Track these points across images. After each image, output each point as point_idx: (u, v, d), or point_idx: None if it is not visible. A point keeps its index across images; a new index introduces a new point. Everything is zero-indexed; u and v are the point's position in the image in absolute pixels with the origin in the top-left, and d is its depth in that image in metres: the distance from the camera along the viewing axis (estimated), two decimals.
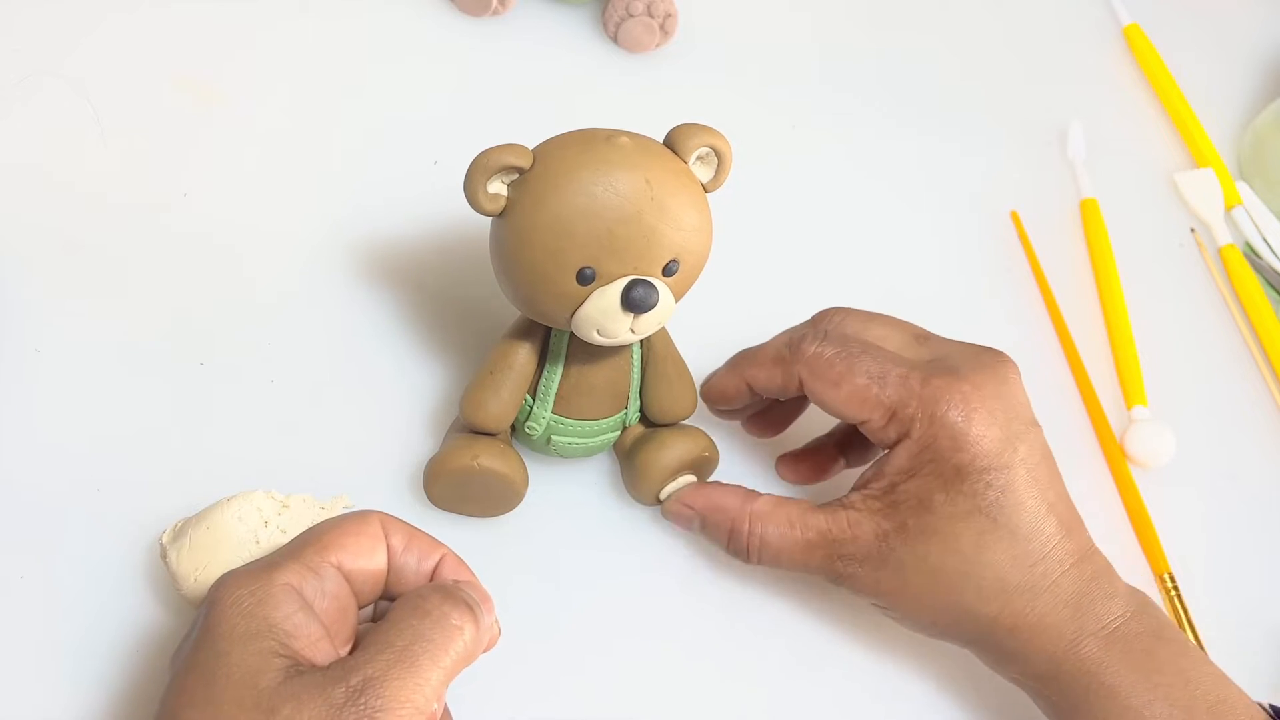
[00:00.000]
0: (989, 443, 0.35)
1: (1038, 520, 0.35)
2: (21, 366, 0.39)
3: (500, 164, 0.33)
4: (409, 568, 0.33)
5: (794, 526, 0.37)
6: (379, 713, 0.27)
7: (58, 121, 0.44)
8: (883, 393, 0.36)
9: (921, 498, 0.35)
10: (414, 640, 0.29)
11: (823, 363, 0.37)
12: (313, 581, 0.30)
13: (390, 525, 0.33)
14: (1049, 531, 0.36)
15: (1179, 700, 0.35)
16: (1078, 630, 0.35)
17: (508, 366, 0.38)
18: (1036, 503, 0.35)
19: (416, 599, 0.31)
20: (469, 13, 0.52)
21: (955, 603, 0.36)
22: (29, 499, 0.37)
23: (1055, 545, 0.36)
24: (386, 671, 0.28)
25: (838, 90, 0.58)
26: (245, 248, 0.43)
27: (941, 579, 0.35)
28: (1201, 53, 0.67)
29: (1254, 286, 0.58)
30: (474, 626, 0.31)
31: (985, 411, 0.35)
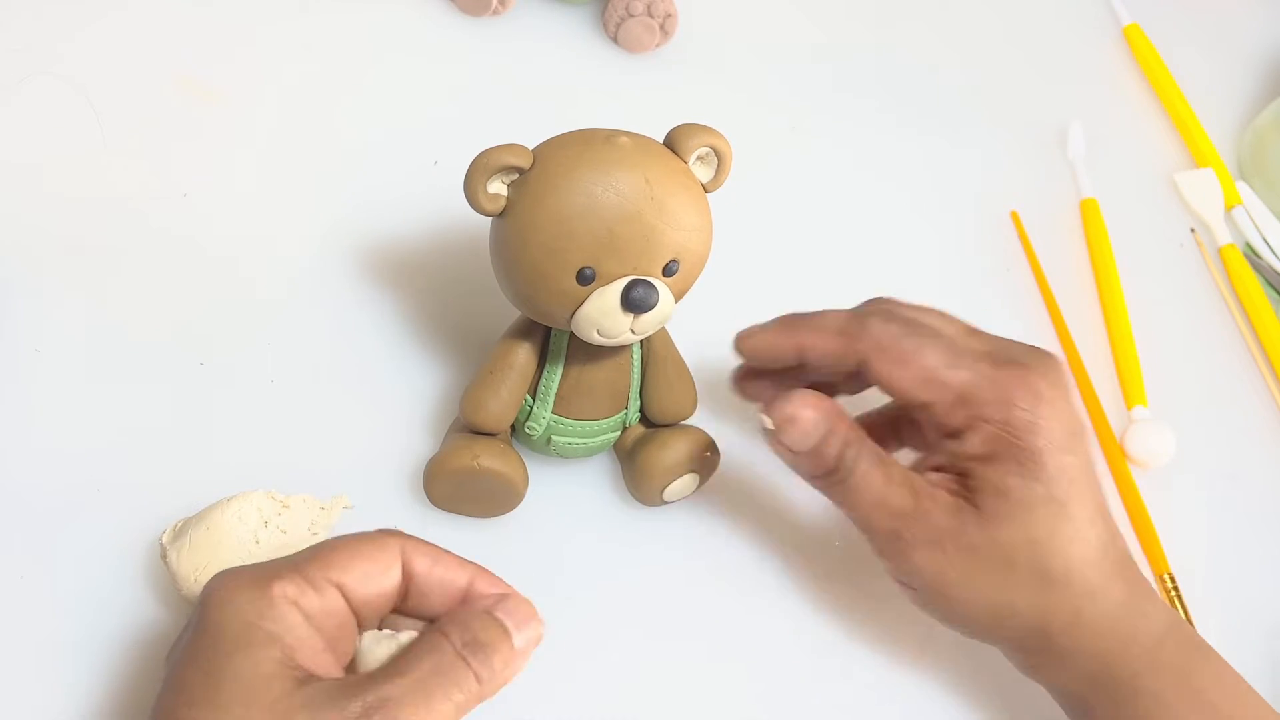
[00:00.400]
0: (1061, 432, 0.35)
1: (1100, 515, 0.36)
2: (21, 366, 0.39)
3: (500, 164, 0.33)
4: (434, 589, 0.32)
5: (886, 470, 0.36)
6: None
7: (58, 121, 0.44)
8: (953, 374, 0.36)
9: (997, 482, 0.35)
10: (433, 672, 0.29)
11: (891, 340, 0.36)
12: (311, 596, 0.30)
13: (412, 549, 0.32)
14: (1108, 530, 0.36)
15: (1222, 714, 0.35)
16: (1130, 632, 0.35)
17: (508, 366, 0.38)
18: (1099, 498, 0.36)
19: (442, 630, 0.30)
20: (469, 13, 0.52)
21: (1018, 591, 0.35)
22: (29, 499, 0.37)
23: (1111, 543, 0.36)
24: (402, 696, 0.28)
25: (838, 90, 0.58)
26: (245, 248, 0.43)
27: (1012, 565, 0.35)
28: (1201, 53, 0.67)
29: (1254, 286, 0.57)
30: (489, 669, 0.30)
31: (1054, 403, 0.35)
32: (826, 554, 0.43)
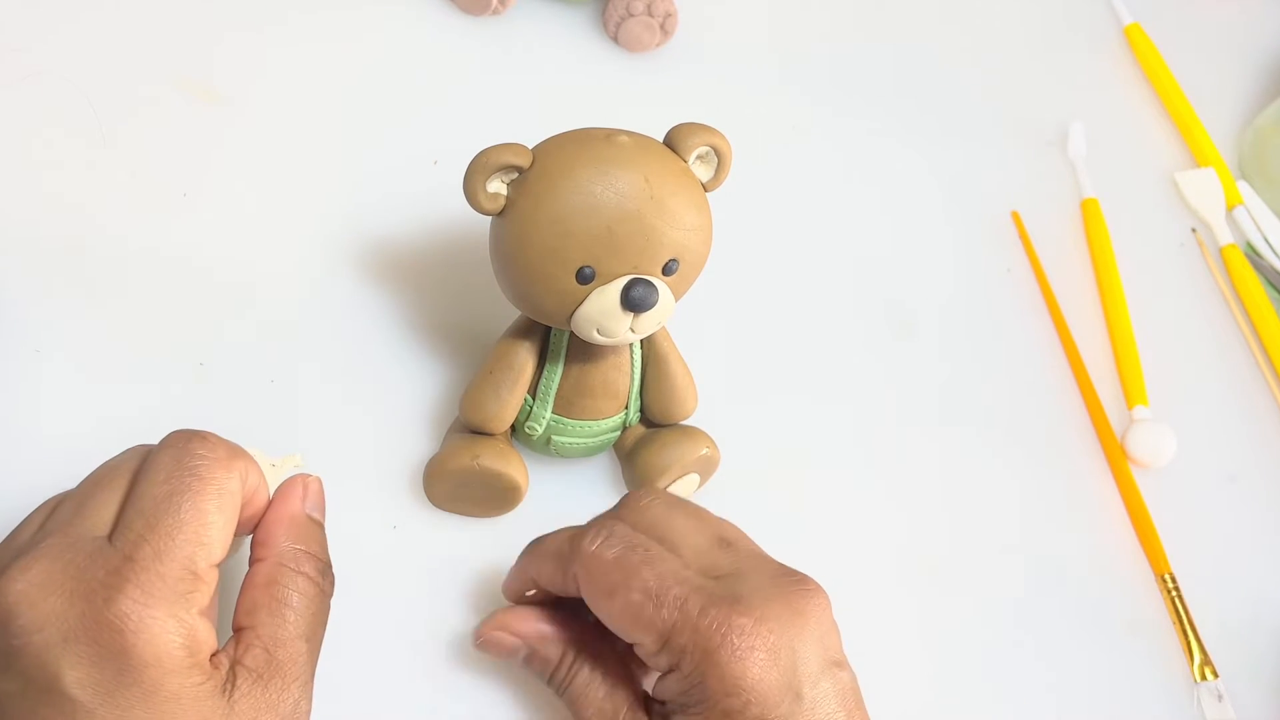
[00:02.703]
0: (765, 688, 0.30)
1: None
2: (21, 366, 0.39)
3: (500, 163, 0.33)
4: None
5: (600, 688, 0.34)
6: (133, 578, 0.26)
7: (57, 122, 0.44)
8: (657, 614, 0.31)
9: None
10: (159, 495, 0.28)
11: (600, 566, 0.32)
12: (208, 596, 0.28)
13: (250, 472, 0.30)
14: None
15: None
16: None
17: (507, 366, 0.38)
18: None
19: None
20: (469, 12, 0.52)
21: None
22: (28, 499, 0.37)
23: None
24: (136, 542, 0.27)
25: (838, 90, 0.58)
26: (244, 248, 0.43)
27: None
28: (1202, 53, 0.67)
29: (1255, 286, 0.57)
30: (228, 451, 0.29)
31: (766, 651, 0.30)
32: (826, 552, 0.43)
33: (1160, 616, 0.47)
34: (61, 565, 0.27)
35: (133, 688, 0.26)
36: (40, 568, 0.27)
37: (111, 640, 0.26)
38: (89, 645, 0.26)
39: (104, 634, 0.26)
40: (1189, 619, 0.46)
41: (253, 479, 0.31)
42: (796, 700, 0.30)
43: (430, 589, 0.38)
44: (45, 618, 0.26)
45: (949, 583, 0.45)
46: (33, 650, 0.26)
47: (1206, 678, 0.45)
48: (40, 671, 0.26)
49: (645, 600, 0.31)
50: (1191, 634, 0.46)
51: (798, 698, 0.31)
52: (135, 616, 0.26)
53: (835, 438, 0.47)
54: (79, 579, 0.27)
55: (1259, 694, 0.46)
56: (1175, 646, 0.46)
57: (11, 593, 0.26)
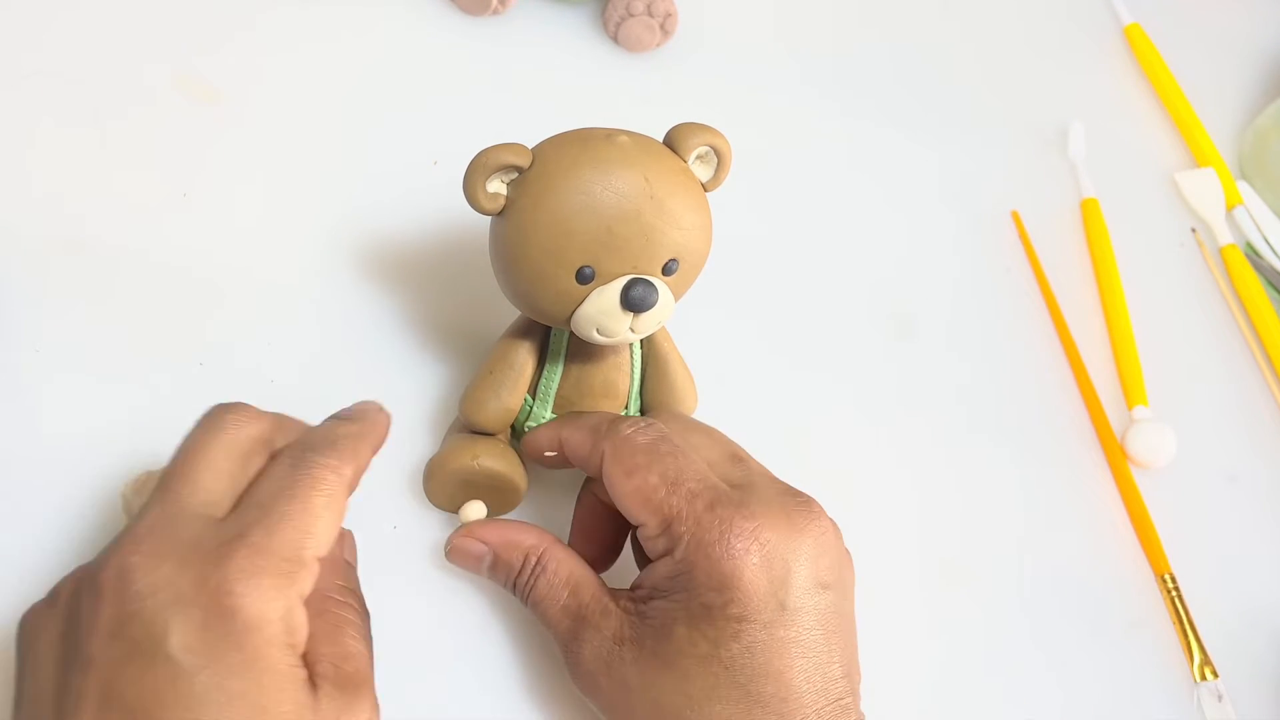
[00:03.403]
0: (751, 591, 0.31)
1: (785, 690, 0.31)
2: (21, 366, 0.39)
3: (499, 163, 0.33)
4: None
5: (564, 587, 0.35)
6: (249, 569, 0.27)
7: (58, 121, 0.44)
8: (667, 500, 0.32)
9: (665, 623, 0.32)
10: (275, 492, 0.29)
11: (629, 448, 0.34)
12: (308, 587, 0.29)
13: (353, 481, 0.31)
14: (797, 703, 0.31)
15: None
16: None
17: (508, 366, 0.38)
18: (789, 671, 0.31)
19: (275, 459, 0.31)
20: (469, 12, 0.52)
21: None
22: (28, 499, 0.37)
23: (800, 719, 0.31)
24: (251, 524, 0.28)
25: (838, 90, 0.58)
26: (244, 247, 0.43)
27: (662, 714, 0.32)
28: (1202, 53, 0.67)
29: (1255, 286, 0.57)
30: (336, 456, 0.31)
31: (760, 556, 0.31)
32: None
33: (1160, 617, 0.47)
34: (174, 537, 0.28)
35: (234, 654, 0.27)
36: (154, 539, 0.28)
37: (219, 604, 0.27)
38: (197, 609, 0.27)
39: (212, 597, 0.27)
40: (1189, 619, 0.46)
41: (366, 457, 0.32)
42: (780, 609, 0.31)
43: (430, 589, 0.38)
44: (158, 583, 0.27)
45: (948, 582, 0.45)
46: (145, 614, 0.27)
47: (1206, 678, 0.45)
48: (147, 634, 0.27)
49: (660, 484, 0.33)
50: (1191, 634, 0.46)
51: (781, 607, 0.31)
52: (243, 582, 0.27)
53: (834, 437, 0.47)
54: (192, 549, 0.28)
55: (1259, 694, 0.46)
56: (1175, 646, 0.46)
57: (127, 562, 0.27)
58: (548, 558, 0.35)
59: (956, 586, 0.45)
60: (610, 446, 0.34)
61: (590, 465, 0.35)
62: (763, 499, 0.33)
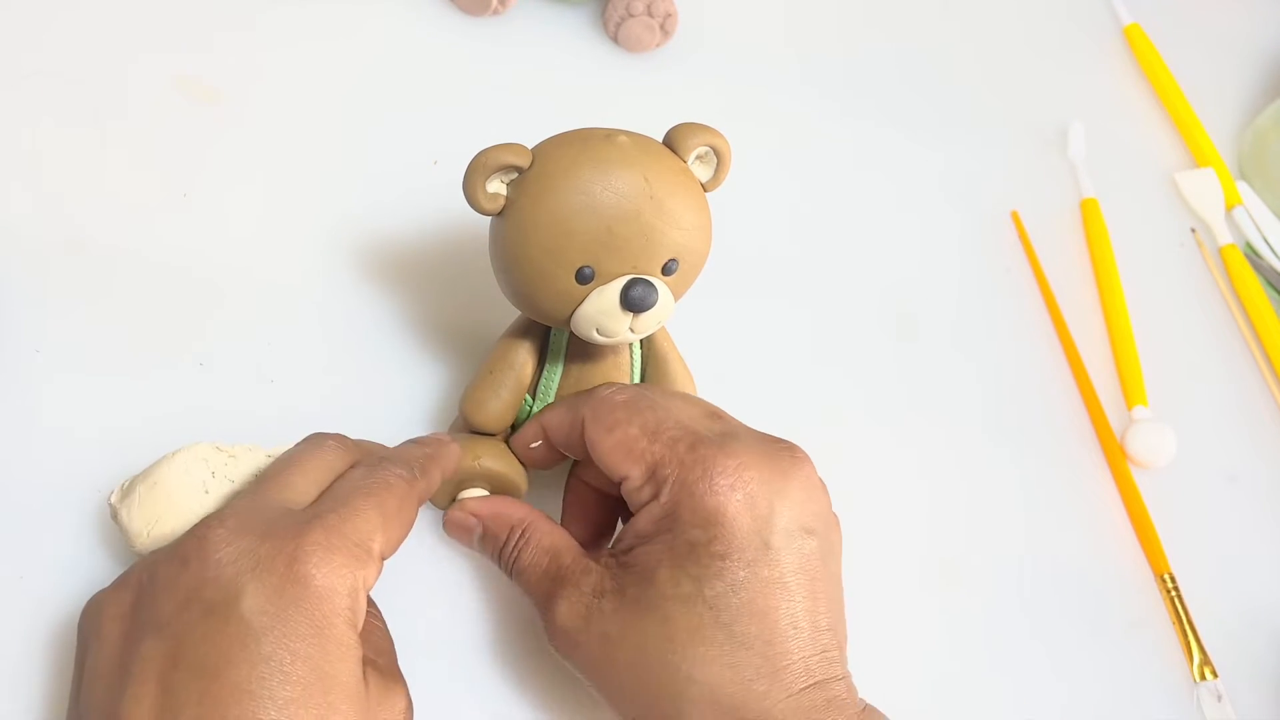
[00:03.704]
0: (735, 528, 0.31)
1: (769, 633, 0.31)
2: (21, 366, 0.39)
3: (499, 163, 0.33)
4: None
5: (546, 554, 0.35)
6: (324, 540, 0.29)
7: (58, 121, 0.44)
8: (649, 448, 0.33)
9: (648, 567, 0.32)
10: (352, 489, 0.32)
11: (608, 406, 0.34)
12: (373, 579, 0.31)
13: (422, 494, 0.34)
14: (781, 648, 0.31)
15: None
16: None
17: (507, 366, 0.38)
18: (774, 612, 0.31)
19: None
20: (469, 13, 0.52)
21: (658, 694, 0.31)
22: (28, 499, 0.37)
23: (785, 664, 0.31)
24: (328, 510, 0.30)
25: (838, 89, 0.58)
26: (244, 248, 0.43)
27: (646, 663, 0.31)
28: (1201, 53, 0.67)
29: (1254, 286, 0.58)
30: (407, 469, 0.33)
31: (745, 495, 0.31)
32: None
33: (1160, 616, 0.47)
34: (257, 518, 0.30)
35: (302, 619, 0.28)
36: (237, 518, 0.30)
37: (292, 570, 0.28)
38: (272, 575, 0.28)
39: (287, 565, 0.29)
40: (1189, 619, 0.46)
41: (435, 481, 0.35)
42: (763, 549, 0.31)
43: (430, 589, 0.38)
44: (239, 552, 0.29)
45: (948, 582, 0.45)
46: (223, 579, 0.28)
47: (1206, 678, 0.45)
48: (222, 596, 0.28)
49: (641, 435, 0.33)
50: (1191, 634, 0.46)
51: (765, 546, 0.31)
52: (317, 555, 0.29)
53: (834, 437, 0.47)
54: (271, 525, 0.30)
55: (1259, 694, 0.46)
56: (1175, 646, 0.46)
57: (211, 535, 0.29)
58: (532, 530, 0.36)
59: (956, 586, 0.45)
60: (589, 410, 0.35)
61: (572, 440, 0.35)
62: (745, 443, 0.33)
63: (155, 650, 0.28)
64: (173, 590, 0.29)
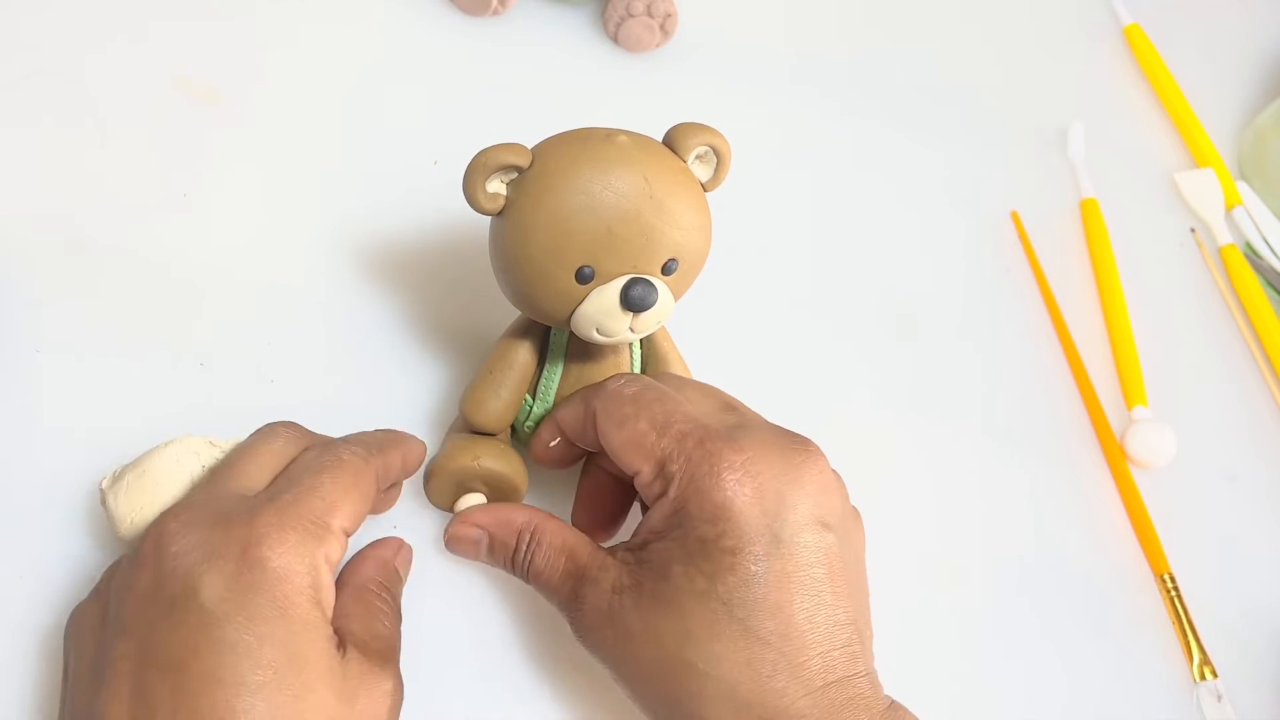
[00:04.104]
0: (743, 521, 0.31)
1: (785, 627, 0.30)
2: (21, 366, 0.39)
3: (499, 163, 0.33)
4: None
5: (560, 554, 0.35)
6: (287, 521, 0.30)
7: (58, 121, 0.44)
8: (658, 443, 0.32)
9: (663, 563, 0.32)
10: (304, 469, 0.32)
11: (617, 399, 0.34)
12: (336, 555, 0.31)
13: (375, 467, 0.34)
14: (799, 643, 0.30)
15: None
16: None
17: (507, 366, 0.38)
18: (789, 607, 0.31)
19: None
20: (469, 13, 0.52)
21: (677, 691, 0.31)
22: (28, 499, 0.37)
23: (803, 660, 0.30)
24: (280, 492, 0.31)
25: (838, 90, 0.58)
26: (244, 248, 0.43)
27: (665, 659, 0.31)
28: (1201, 53, 0.67)
29: (1254, 286, 0.58)
30: (362, 447, 0.33)
31: (754, 489, 0.31)
32: None
33: (1160, 616, 0.47)
34: (209, 506, 0.31)
35: (262, 601, 0.28)
36: (192, 510, 0.30)
37: (248, 554, 0.29)
38: (228, 561, 0.29)
39: (242, 549, 0.29)
40: (1188, 619, 0.46)
41: (395, 468, 0.35)
42: (774, 542, 0.31)
43: (430, 589, 0.38)
44: (193, 543, 0.29)
45: (947, 582, 0.45)
46: (180, 572, 0.29)
47: (1206, 678, 0.45)
48: (182, 589, 0.28)
49: (650, 429, 0.33)
50: (1191, 634, 0.46)
51: (775, 540, 0.31)
52: (271, 536, 0.29)
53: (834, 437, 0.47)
54: (225, 515, 0.30)
55: (1259, 694, 0.46)
56: (1175, 646, 0.46)
57: (165, 530, 0.30)
58: (541, 531, 0.36)
59: (955, 586, 0.45)
60: (600, 403, 0.34)
61: (586, 433, 0.35)
62: (756, 436, 0.33)
63: (125, 652, 0.29)
64: (135, 591, 0.29)
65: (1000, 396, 0.51)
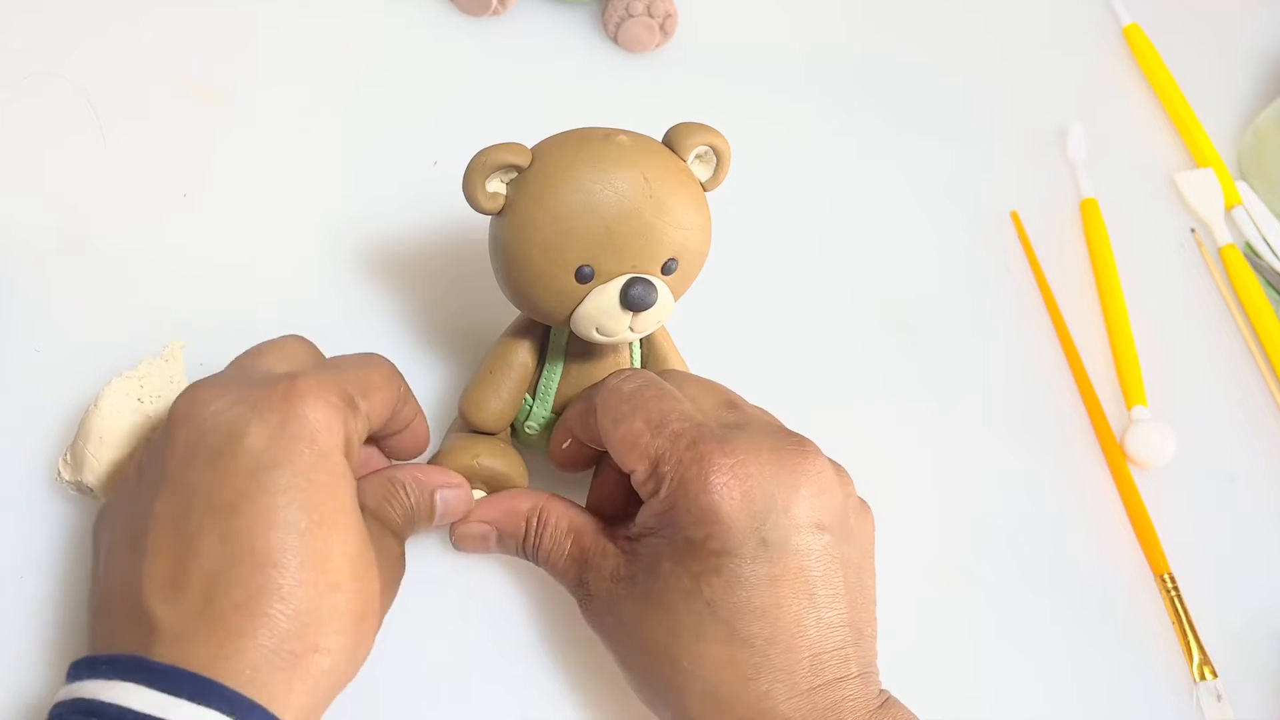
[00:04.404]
0: (730, 525, 0.30)
1: (771, 630, 0.30)
2: (21, 366, 0.39)
3: (499, 162, 0.33)
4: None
5: (567, 536, 0.35)
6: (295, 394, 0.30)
7: (58, 121, 0.44)
8: (652, 443, 0.32)
9: (654, 559, 0.32)
10: (337, 359, 0.35)
11: (615, 396, 0.34)
12: (362, 431, 0.32)
13: (402, 381, 0.35)
14: (785, 645, 0.30)
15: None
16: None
17: (507, 365, 0.38)
18: (775, 610, 0.30)
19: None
20: (469, 13, 0.52)
21: (662, 685, 0.32)
22: (28, 499, 0.37)
23: (788, 663, 0.30)
24: (313, 368, 0.33)
25: (838, 90, 0.58)
26: (244, 248, 0.43)
27: (654, 652, 0.32)
28: (1201, 53, 0.67)
29: (1254, 286, 0.58)
30: (395, 370, 0.35)
31: (742, 491, 0.31)
32: None
33: (1160, 616, 0.47)
34: (239, 377, 0.32)
35: (308, 450, 0.29)
36: (223, 379, 0.32)
37: (292, 406, 0.30)
38: (272, 412, 0.30)
39: (285, 401, 0.30)
40: (1188, 619, 0.46)
41: (412, 408, 0.37)
42: (761, 545, 0.31)
43: (431, 589, 0.38)
44: (233, 399, 0.30)
45: (946, 582, 0.45)
46: (222, 424, 0.30)
47: (1206, 678, 0.45)
48: (225, 438, 0.29)
49: (645, 428, 0.33)
50: (1191, 634, 0.46)
51: (763, 543, 0.31)
52: (313, 393, 0.30)
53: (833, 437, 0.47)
54: (262, 379, 0.31)
55: (1259, 694, 0.46)
56: (1175, 646, 0.46)
57: (198, 394, 0.31)
58: (546, 514, 0.36)
59: (956, 586, 0.45)
60: (599, 401, 0.35)
61: (590, 431, 0.35)
62: (750, 438, 0.32)
63: (167, 507, 0.29)
64: (173, 449, 0.30)
65: (1000, 396, 0.51)
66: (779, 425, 0.35)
